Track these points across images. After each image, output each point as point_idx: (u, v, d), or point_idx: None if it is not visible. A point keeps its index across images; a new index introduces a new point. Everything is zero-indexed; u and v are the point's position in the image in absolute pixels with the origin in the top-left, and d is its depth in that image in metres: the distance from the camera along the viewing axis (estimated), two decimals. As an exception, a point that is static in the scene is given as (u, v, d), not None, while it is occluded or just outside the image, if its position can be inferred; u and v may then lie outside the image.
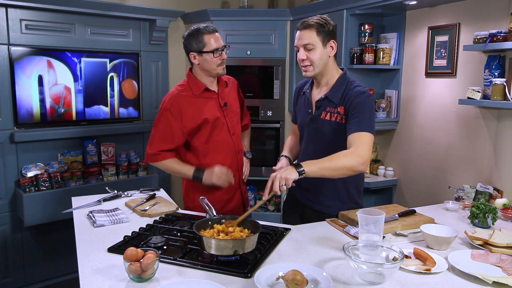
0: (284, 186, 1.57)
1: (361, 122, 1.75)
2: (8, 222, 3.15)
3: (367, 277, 1.34)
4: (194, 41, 2.01)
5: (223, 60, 2.05)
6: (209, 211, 1.84)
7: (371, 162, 3.42)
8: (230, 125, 2.15)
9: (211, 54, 2.00)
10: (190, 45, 2.03)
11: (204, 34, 2.00)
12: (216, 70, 2.05)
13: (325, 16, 1.88)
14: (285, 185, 1.57)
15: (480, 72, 2.52)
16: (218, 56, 2.02)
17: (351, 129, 1.76)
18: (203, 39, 2.00)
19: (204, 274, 1.39)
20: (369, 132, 1.74)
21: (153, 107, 3.79)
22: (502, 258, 1.50)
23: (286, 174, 1.58)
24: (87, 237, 1.70)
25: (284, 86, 3.67)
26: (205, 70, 2.06)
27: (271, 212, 3.89)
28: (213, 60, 2.01)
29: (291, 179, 1.58)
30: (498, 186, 2.37)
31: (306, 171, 1.61)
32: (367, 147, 1.71)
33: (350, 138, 1.74)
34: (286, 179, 1.57)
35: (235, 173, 2.18)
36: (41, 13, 3.13)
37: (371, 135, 1.75)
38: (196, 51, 2.02)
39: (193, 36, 2.01)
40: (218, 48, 2.01)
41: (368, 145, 1.72)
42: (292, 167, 1.62)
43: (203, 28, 2.01)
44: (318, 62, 1.85)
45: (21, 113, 3.08)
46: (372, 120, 1.79)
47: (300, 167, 1.61)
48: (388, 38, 3.21)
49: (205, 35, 2.00)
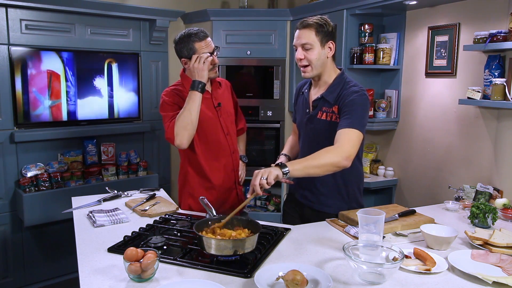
0: (265, 180, 1.56)
1: (350, 119, 1.75)
2: (8, 222, 3.14)
3: (367, 277, 1.34)
4: (185, 48, 2.01)
5: (214, 65, 2.05)
6: (209, 211, 1.84)
7: (371, 162, 3.42)
8: (224, 125, 2.16)
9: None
10: (181, 52, 2.03)
11: (195, 42, 2.00)
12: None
13: (325, 17, 1.88)
14: (267, 182, 1.56)
15: (480, 72, 2.52)
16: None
17: (340, 125, 1.76)
18: (194, 46, 2.00)
19: (204, 274, 1.39)
20: (357, 130, 1.73)
21: (153, 107, 3.79)
22: (502, 258, 1.50)
23: (269, 170, 1.59)
24: (87, 237, 1.70)
25: (284, 86, 3.67)
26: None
27: (271, 212, 3.89)
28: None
29: (273, 174, 1.58)
30: (498, 186, 2.37)
31: (290, 170, 1.62)
32: (352, 143, 1.71)
33: (337, 134, 1.74)
34: (269, 172, 1.57)
35: (230, 173, 2.19)
36: (41, 13, 3.13)
37: (359, 133, 1.74)
38: (187, 57, 2.03)
39: (183, 42, 2.01)
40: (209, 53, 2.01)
41: (353, 142, 1.72)
42: (276, 166, 1.63)
43: (194, 35, 2.00)
44: (316, 62, 1.85)
45: (21, 113, 3.08)
46: (362, 118, 1.78)
47: (284, 167, 1.62)
48: (388, 38, 3.21)
49: (196, 43, 2.00)
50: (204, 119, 2.07)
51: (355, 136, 1.73)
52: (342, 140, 1.71)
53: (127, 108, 3.61)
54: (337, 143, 1.71)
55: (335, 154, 1.68)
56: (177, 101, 2.04)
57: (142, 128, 3.68)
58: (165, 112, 2.04)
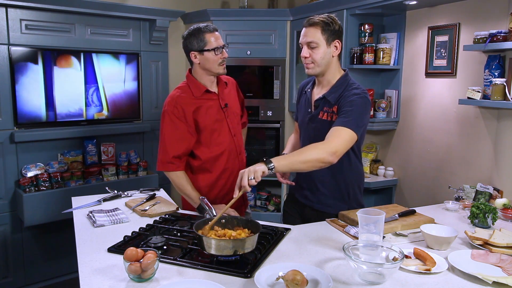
0: (253, 180, 1.54)
1: (346, 118, 1.74)
2: (8, 222, 3.15)
3: (367, 277, 1.34)
4: (195, 40, 2.01)
5: (223, 59, 2.04)
6: (209, 211, 1.84)
7: (371, 162, 3.42)
8: (231, 126, 2.14)
9: (212, 52, 1.99)
10: (191, 44, 2.02)
11: (205, 33, 2.00)
12: (217, 69, 2.04)
13: (333, 16, 1.87)
14: (254, 179, 1.54)
15: (480, 72, 2.52)
16: (219, 54, 2.01)
17: (334, 123, 1.76)
18: (204, 38, 1.99)
19: (204, 274, 1.39)
20: (350, 129, 1.71)
21: (153, 107, 3.79)
22: (502, 258, 1.50)
23: (254, 167, 1.56)
24: (87, 237, 1.70)
25: (284, 86, 3.67)
26: (206, 70, 2.05)
27: (271, 212, 3.89)
28: (214, 59, 2.01)
29: (259, 171, 1.55)
30: (498, 186, 2.37)
31: (276, 166, 1.59)
32: (341, 140, 1.69)
33: (329, 131, 1.73)
34: (255, 171, 1.55)
35: (236, 174, 2.17)
36: (41, 13, 3.13)
37: (352, 132, 1.71)
38: (197, 50, 2.02)
39: (193, 35, 2.01)
40: (219, 46, 2.01)
41: (343, 139, 1.69)
42: (262, 162, 1.60)
43: (203, 27, 2.01)
44: (320, 61, 1.85)
45: (21, 113, 3.08)
46: (359, 119, 1.75)
47: (270, 162, 1.59)
48: (388, 38, 3.21)
49: (206, 34, 2.00)
50: (212, 121, 2.07)
51: (347, 135, 1.70)
52: (332, 136, 1.70)
53: (127, 108, 3.61)
54: (326, 139, 1.70)
55: (321, 149, 1.66)
56: (178, 116, 2.02)
57: (142, 128, 3.68)
58: (164, 133, 2.05)
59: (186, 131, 2.03)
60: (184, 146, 2.05)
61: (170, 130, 2.03)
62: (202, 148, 2.08)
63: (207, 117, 2.05)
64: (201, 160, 2.09)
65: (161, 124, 2.07)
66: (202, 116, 2.05)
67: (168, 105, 2.05)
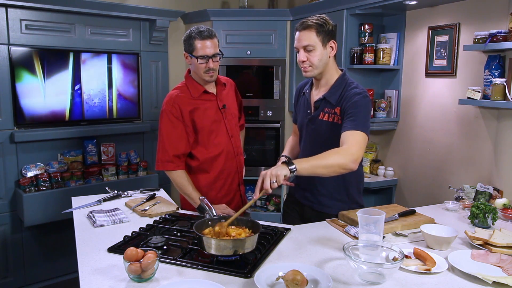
0: (275, 183, 1.53)
1: (355, 121, 1.74)
2: (8, 222, 3.15)
3: (367, 277, 1.34)
4: (187, 42, 2.02)
5: (209, 68, 2.01)
6: (209, 211, 1.84)
7: (371, 162, 3.42)
8: (229, 127, 2.14)
9: (198, 59, 2.00)
10: (185, 45, 2.05)
11: (195, 39, 1.99)
12: (203, 76, 2.04)
13: (324, 16, 1.87)
14: (276, 182, 1.53)
15: (480, 72, 2.52)
16: (203, 63, 2.00)
17: (345, 127, 1.75)
18: (193, 43, 1.99)
19: (204, 274, 1.39)
20: (362, 132, 1.72)
21: (153, 107, 3.79)
22: (502, 258, 1.50)
23: (276, 171, 1.54)
24: (87, 237, 1.71)
25: (284, 86, 3.67)
26: (195, 73, 2.08)
27: (271, 212, 3.89)
28: (199, 66, 2.01)
29: (282, 175, 1.54)
30: (498, 186, 2.37)
31: (298, 169, 1.58)
32: (359, 145, 1.70)
33: (343, 136, 1.73)
34: (277, 175, 1.53)
35: (234, 175, 2.18)
36: (41, 13, 3.13)
37: (365, 134, 1.73)
38: (188, 52, 2.04)
39: (187, 37, 2.03)
40: (205, 55, 1.98)
41: (360, 144, 1.71)
42: (283, 164, 1.59)
43: (196, 33, 1.99)
44: (318, 63, 1.84)
45: (21, 113, 3.08)
46: (366, 120, 1.77)
47: (291, 164, 1.58)
48: (388, 38, 3.21)
49: (196, 40, 1.99)
50: (209, 123, 2.07)
51: (362, 138, 1.72)
52: (350, 142, 1.69)
53: (127, 108, 3.61)
54: (345, 145, 1.69)
55: (343, 156, 1.66)
56: (176, 115, 2.03)
57: (142, 128, 3.68)
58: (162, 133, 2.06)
59: (183, 130, 2.04)
60: (184, 145, 2.05)
61: (168, 129, 2.04)
62: (199, 148, 2.09)
63: (205, 118, 2.06)
64: (199, 161, 2.10)
65: (159, 124, 2.08)
66: (199, 117, 2.05)
67: (166, 104, 2.05)
